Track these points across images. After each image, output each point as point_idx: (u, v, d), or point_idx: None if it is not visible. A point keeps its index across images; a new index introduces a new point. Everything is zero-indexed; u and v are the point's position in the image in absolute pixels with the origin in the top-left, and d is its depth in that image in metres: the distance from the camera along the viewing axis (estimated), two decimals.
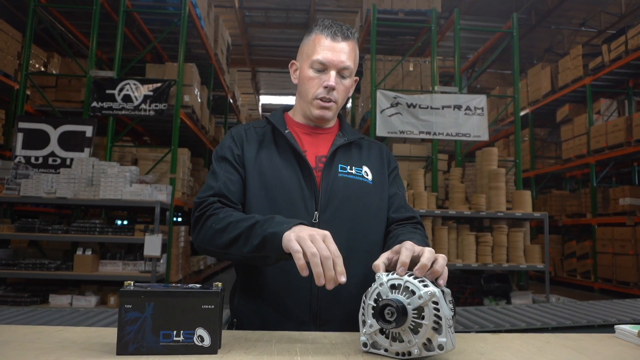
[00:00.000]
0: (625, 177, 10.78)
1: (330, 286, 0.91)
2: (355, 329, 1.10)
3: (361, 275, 1.19)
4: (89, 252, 5.50)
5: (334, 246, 0.93)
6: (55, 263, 5.42)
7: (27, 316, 2.40)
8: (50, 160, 6.08)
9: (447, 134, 6.88)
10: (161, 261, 5.80)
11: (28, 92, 6.67)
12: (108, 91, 6.29)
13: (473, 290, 6.27)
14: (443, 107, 6.92)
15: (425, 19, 7.66)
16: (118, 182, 5.58)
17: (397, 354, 0.87)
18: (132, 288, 0.85)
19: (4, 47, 6.74)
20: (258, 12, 11.81)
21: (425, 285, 0.86)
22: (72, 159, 5.96)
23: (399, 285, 0.88)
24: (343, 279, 0.91)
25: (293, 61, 1.37)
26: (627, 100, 9.38)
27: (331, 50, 1.24)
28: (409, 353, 0.85)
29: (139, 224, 5.77)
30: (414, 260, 0.92)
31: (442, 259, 0.92)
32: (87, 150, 6.15)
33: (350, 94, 1.37)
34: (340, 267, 0.92)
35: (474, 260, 6.11)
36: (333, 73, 1.24)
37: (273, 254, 1.02)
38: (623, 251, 8.15)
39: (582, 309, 3.21)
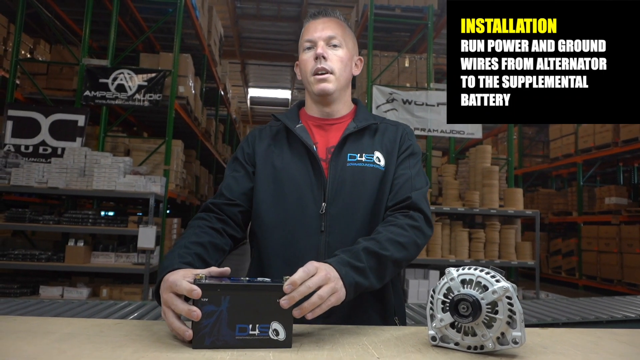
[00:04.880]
0: (610, 176, 11.04)
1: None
2: (357, 323, 1.11)
3: None
4: (80, 244, 5.40)
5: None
6: (46, 254, 5.32)
7: (38, 307, 2.35)
8: (40, 149, 5.94)
9: (442, 131, 6.94)
10: (154, 253, 5.73)
11: (17, 82, 6.48)
12: (101, 80, 6.16)
13: None
14: (438, 104, 6.97)
15: (422, 16, 7.68)
16: (112, 172, 5.49)
17: (469, 347, 0.87)
18: (206, 281, 0.84)
19: None
20: (249, 4, 11.67)
21: (498, 281, 0.86)
22: (63, 149, 5.83)
23: (471, 280, 0.88)
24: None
25: (297, 62, 1.40)
26: None
27: (314, 28, 1.31)
28: (482, 347, 0.86)
29: (132, 216, 5.69)
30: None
31: (319, 292, 0.92)
32: (79, 139, 6.02)
33: (356, 72, 1.38)
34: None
35: (467, 256, 6.19)
36: (321, 43, 1.28)
37: None
38: (607, 249, 8.35)
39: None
